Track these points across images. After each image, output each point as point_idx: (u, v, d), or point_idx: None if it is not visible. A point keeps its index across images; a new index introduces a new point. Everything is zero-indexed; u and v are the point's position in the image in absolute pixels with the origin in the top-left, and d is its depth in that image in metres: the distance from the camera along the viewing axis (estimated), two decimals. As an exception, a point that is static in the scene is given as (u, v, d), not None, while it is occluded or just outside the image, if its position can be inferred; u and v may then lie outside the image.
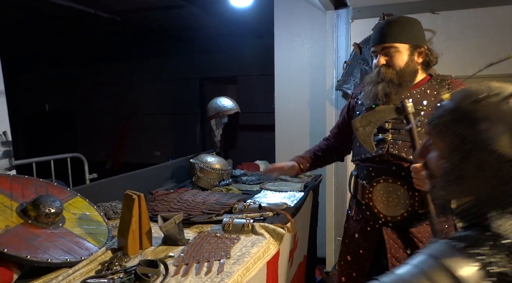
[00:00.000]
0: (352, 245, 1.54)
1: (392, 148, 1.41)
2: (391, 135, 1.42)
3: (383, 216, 1.43)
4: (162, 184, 2.29)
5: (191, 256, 1.27)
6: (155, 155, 7.39)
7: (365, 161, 1.49)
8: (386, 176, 1.42)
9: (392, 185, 1.41)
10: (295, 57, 3.23)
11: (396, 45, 1.39)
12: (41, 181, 1.47)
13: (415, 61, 1.41)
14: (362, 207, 1.51)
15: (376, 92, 1.42)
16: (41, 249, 1.14)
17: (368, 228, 1.48)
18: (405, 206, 1.39)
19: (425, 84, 1.44)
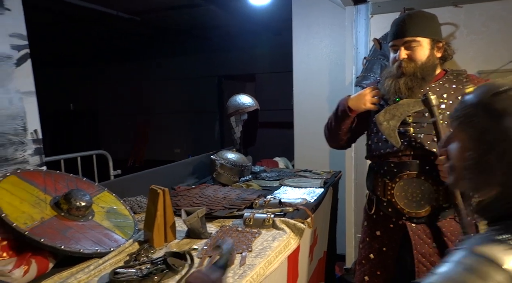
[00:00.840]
0: (375, 243, 1.53)
1: (414, 142, 1.40)
2: (413, 129, 1.41)
3: (407, 212, 1.42)
4: (184, 180, 2.34)
5: (213, 249, 1.31)
6: (175, 152, 7.52)
7: (386, 156, 1.48)
8: (409, 171, 1.41)
9: (416, 180, 1.39)
10: (313, 54, 3.23)
11: (418, 39, 1.38)
12: (71, 176, 1.54)
13: (435, 55, 1.41)
14: (384, 204, 1.50)
15: (398, 86, 1.41)
16: (73, 240, 1.21)
17: (391, 225, 1.48)
18: (429, 200, 1.38)
19: (442, 78, 1.44)
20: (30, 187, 1.31)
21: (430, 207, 1.38)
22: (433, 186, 1.37)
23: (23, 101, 2.20)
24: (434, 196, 1.37)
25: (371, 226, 1.57)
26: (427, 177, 1.37)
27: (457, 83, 1.41)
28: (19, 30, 2.16)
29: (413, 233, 1.42)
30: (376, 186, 1.52)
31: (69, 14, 4.75)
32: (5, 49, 2.09)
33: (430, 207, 1.38)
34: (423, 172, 1.38)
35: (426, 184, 1.38)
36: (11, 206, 1.17)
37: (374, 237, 1.55)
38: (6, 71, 2.09)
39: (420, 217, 1.40)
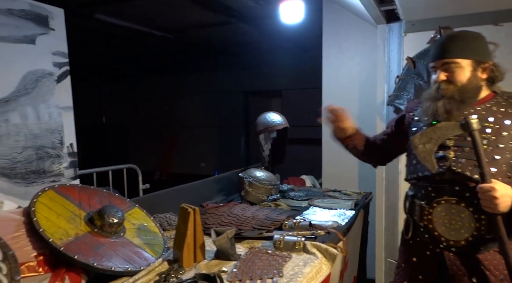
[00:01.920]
0: (410, 270, 1.45)
1: (455, 166, 1.32)
2: (453, 153, 1.34)
3: (444, 240, 1.34)
4: (212, 197, 2.34)
5: (243, 272, 1.28)
6: (201, 166, 7.60)
7: (423, 179, 1.41)
8: (448, 196, 1.33)
9: (456, 207, 1.31)
10: (343, 71, 3.19)
11: (457, 61, 1.33)
12: (104, 191, 1.56)
13: (479, 77, 1.34)
14: (420, 230, 1.42)
15: (436, 109, 1.36)
16: (105, 257, 1.21)
17: (428, 252, 1.40)
18: (469, 229, 1.29)
19: (490, 101, 1.36)
20: (66, 202, 1.34)
21: (471, 236, 1.29)
22: (474, 214, 1.28)
23: (61, 115, 2.30)
24: (475, 225, 1.28)
25: (407, 252, 1.50)
26: (468, 204, 1.29)
27: (507, 106, 1.33)
28: (61, 48, 2.28)
29: (451, 263, 1.33)
30: (413, 210, 1.45)
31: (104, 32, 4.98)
32: (48, 66, 2.20)
33: (471, 237, 1.29)
34: (463, 198, 1.30)
35: (467, 211, 1.29)
36: (48, 221, 1.19)
37: (409, 263, 1.47)
38: (48, 87, 2.19)
39: (460, 246, 1.32)
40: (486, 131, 1.30)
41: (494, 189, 1.17)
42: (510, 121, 1.30)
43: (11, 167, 2.02)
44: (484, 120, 1.32)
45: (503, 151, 1.28)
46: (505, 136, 1.29)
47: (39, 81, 2.18)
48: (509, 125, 1.30)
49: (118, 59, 6.91)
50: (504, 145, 1.28)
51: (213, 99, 7.65)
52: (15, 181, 2.05)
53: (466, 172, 1.30)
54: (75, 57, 2.33)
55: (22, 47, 2.07)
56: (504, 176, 1.27)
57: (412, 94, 2.52)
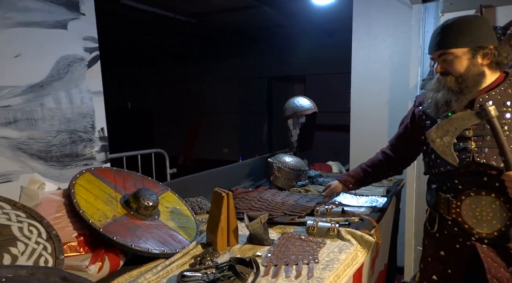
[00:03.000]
0: (438, 264, 1.40)
1: (478, 157, 1.26)
2: (475, 143, 1.28)
3: (476, 233, 1.28)
4: (240, 182, 2.34)
5: (278, 257, 1.27)
6: (224, 151, 7.64)
7: (448, 173, 1.34)
8: (477, 188, 1.27)
9: (486, 198, 1.25)
10: (374, 55, 3.08)
11: (452, 51, 1.25)
12: (138, 175, 1.58)
13: (479, 63, 1.26)
14: (448, 223, 1.36)
15: (437, 101, 1.31)
16: (142, 239, 1.22)
17: (457, 245, 1.34)
18: (502, 220, 1.23)
19: (503, 84, 1.27)
20: (102, 184, 1.36)
21: (504, 227, 1.23)
22: (507, 204, 1.22)
23: (92, 100, 2.33)
24: (507, 214, 1.22)
25: (434, 245, 1.44)
26: (499, 194, 1.22)
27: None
28: (91, 33, 2.29)
29: (485, 255, 1.27)
30: (439, 204, 1.39)
31: (130, 17, 4.99)
32: (80, 51, 2.22)
33: (504, 227, 1.23)
34: (492, 188, 1.24)
35: (498, 201, 1.23)
36: (87, 203, 1.21)
37: (437, 257, 1.42)
38: (80, 72, 2.22)
39: (493, 237, 1.26)
40: (505, 116, 1.23)
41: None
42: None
43: (47, 150, 2.08)
44: (502, 105, 1.24)
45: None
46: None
47: (71, 66, 2.20)
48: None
49: (142, 46, 6.95)
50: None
51: (236, 85, 7.61)
52: (50, 164, 2.11)
53: (492, 162, 1.24)
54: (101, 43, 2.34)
55: (54, 33, 2.09)
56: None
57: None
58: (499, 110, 1.22)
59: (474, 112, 1.22)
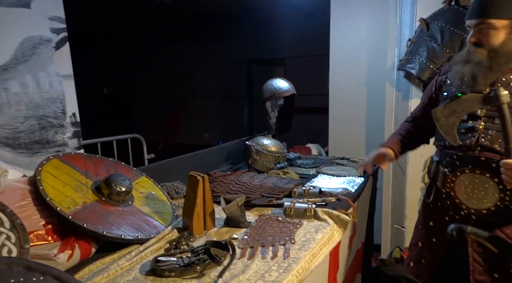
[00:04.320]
0: (425, 232, 1.46)
1: (483, 138, 1.25)
2: (484, 124, 1.26)
3: (465, 208, 1.31)
4: (218, 165, 2.31)
5: (255, 239, 1.26)
6: (205, 136, 7.57)
7: (450, 148, 1.35)
8: (473, 166, 1.28)
9: (480, 177, 1.26)
10: (352, 36, 3.06)
11: (491, 21, 1.19)
12: (110, 160, 1.53)
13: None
14: (442, 196, 1.40)
15: (463, 74, 1.27)
16: (115, 226, 1.19)
17: (447, 217, 1.38)
18: (493, 199, 1.25)
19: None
20: (72, 170, 1.31)
21: (494, 206, 1.25)
22: (499, 185, 1.22)
23: (62, 84, 2.23)
24: (500, 195, 1.23)
25: (426, 215, 1.49)
26: (494, 175, 1.23)
27: None
28: (58, 13, 2.16)
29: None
30: (436, 176, 1.42)
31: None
32: (46, 32, 2.10)
33: (494, 207, 1.25)
34: (489, 169, 1.24)
35: (491, 182, 1.24)
36: (54, 190, 1.17)
37: (426, 226, 1.48)
38: (47, 54, 2.11)
39: (481, 215, 1.28)
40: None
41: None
42: None
43: (14, 137, 1.98)
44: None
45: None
46: None
47: (37, 48, 2.09)
48: None
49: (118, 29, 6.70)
50: None
51: (216, 68, 7.49)
52: (19, 151, 2.01)
53: (495, 145, 1.23)
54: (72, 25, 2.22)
55: (16, 12, 1.96)
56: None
57: (425, 58, 2.42)
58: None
59: (484, 96, 1.18)
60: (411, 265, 1.49)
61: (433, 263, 1.41)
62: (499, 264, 1.26)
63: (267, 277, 1.02)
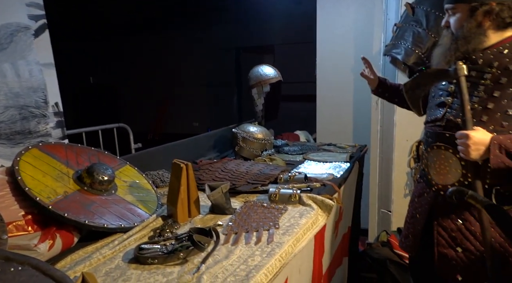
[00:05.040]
0: (412, 208, 1.51)
1: (448, 113, 1.31)
2: (452, 99, 1.32)
3: (435, 183, 1.37)
4: (205, 154, 2.30)
5: (239, 225, 1.27)
6: (194, 125, 7.52)
7: (426, 123, 1.44)
8: (439, 142, 1.34)
9: (445, 152, 1.32)
10: (339, 22, 3.04)
11: (454, 6, 1.27)
12: (93, 149, 1.51)
13: (478, 21, 1.24)
14: (422, 172, 1.47)
15: (437, 54, 1.36)
16: (97, 215, 1.18)
17: (425, 193, 1.43)
18: (456, 175, 1.30)
19: (505, 44, 1.25)
20: (52, 160, 1.29)
21: (457, 182, 1.30)
22: (461, 161, 1.27)
23: (43, 73, 2.17)
24: (462, 171, 1.28)
25: (414, 192, 1.55)
26: (455, 150, 1.27)
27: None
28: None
29: (438, 205, 1.36)
30: (420, 154, 1.49)
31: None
32: (23, 19, 2.04)
33: (457, 182, 1.30)
34: (452, 145, 1.28)
35: (454, 158, 1.29)
36: (34, 180, 1.15)
37: (413, 202, 1.53)
38: (25, 42, 2.05)
39: (447, 190, 1.32)
40: (484, 77, 1.24)
41: (468, 137, 1.16)
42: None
43: (-6, 128, 1.94)
44: (488, 65, 1.25)
45: (499, 99, 1.21)
46: (504, 83, 1.21)
47: (15, 35, 2.02)
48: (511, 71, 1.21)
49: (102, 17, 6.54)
50: (501, 92, 1.21)
51: (204, 56, 7.39)
52: (0, 142, 1.97)
53: (457, 119, 1.28)
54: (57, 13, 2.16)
55: (-9, -2, 1.89)
56: (497, 124, 1.21)
57: (410, 43, 2.41)
58: (482, 70, 1.24)
59: (444, 70, 1.25)
60: (402, 240, 1.56)
61: (417, 237, 1.46)
62: (462, 240, 1.30)
63: (250, 262, 1.03)
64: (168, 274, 0.98)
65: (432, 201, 1.39)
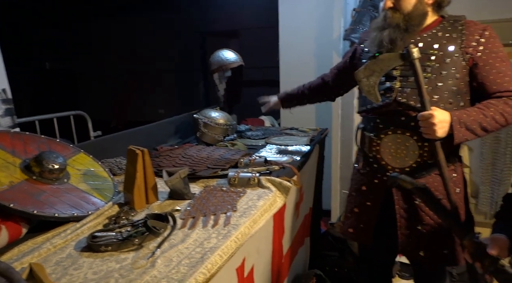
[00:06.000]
0: (360, 198, 1.53)
1: (400, 96, 1.35)
2: (399, 83, 1.36)
3: (391, 168, 1.41)
4: (167, 140, 2.27)
5: (197, 210, 1.27)
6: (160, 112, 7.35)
7: (371, 111, 1.45)
8: (395, 127, 1.37)
9: (401, 137, 1.36)
10: (300, 6, 3.05)
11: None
12: (43, 137, 1.44)
13: (424, 2, 1.31)
14: (370, 160, 1.48)
15: (381, 39, 1.35)
16: (47, 204, 1.14)
17: (376, 180, 1.46)
18: (414, 156, 1.36)
19: (436, 27, 1.34)
20: (-4, 149, 1.22)
21: (415, 163, 1.36)
22: (418, 142, 1.33)
23: (-14, 58, 2.03)
24: (419, 152, 1.34)
25: (358, 181, 1.57)
26: (413, 133, 1.33)
27: (452, 31, 1.32)
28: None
29: (395, 189, 1.41)
30: (363, 142, 1.51)
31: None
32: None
33: (415, 163, 1.36)
34: (408, 128, 1.34)
35: (411, 140, 1.35)
36: (-25, 170, 1.09)
37: (359, 191, 1.55)
38: (-39, 23, 1.90)
39: (405, 172, 1.37)
40: (430, 58, 1.31)
41: (432, 116, 1.20)
42: (453, 46, 1.30)
43: None
44: (429, 47, 1.31)
45: (446, 78, 1.30)
46: (448, 63, 1.29)
47: (-48, 17, 1.87)
48: (452, 51, 1.30)
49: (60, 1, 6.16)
50: (447, 72, 1.29)
51: (168, 41, 7.18)
52: None
53: (410, 101, 1.33)
54: None
55: None
56: (446, 102, 1.30)
57: (368, 27, 2.47)
58: (426, 53, 1.30)
59: (399, 54, 1.27)
60: (350, 231, 1.56)
61: (370, 225, 1.50)
62: (422, 216, 1.37)
63: (205, 245, 1.04)
64: (122, 260, 0.97)
65: (387, 186, 1.42)
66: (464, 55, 1.29)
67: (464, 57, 1.29)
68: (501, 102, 1.25)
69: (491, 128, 1.25)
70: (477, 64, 1.29)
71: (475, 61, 1.29)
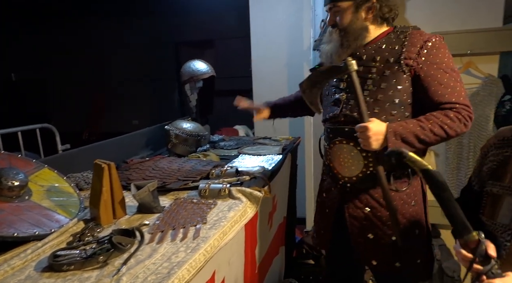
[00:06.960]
0: (320, 204, 1.58)
1: (345, 108, 1.39)
2: (345, 95, 1.39)
3: (341, 177, 1.43)
4: (138, 152, 2.23)
5: (166, 223, 1.25)
6: (133, 123, 7.22)
7: (325, 122, 1.49)
8: (340, 137, 1.40)
9: (346, 146, 1.39)
10: (271, 17, 3.10)
11: (338, 4, 1.33)
12: (3, 153, 1.39)
13: (363, 18, 1.34)
14: (327, 168, 1.52)
15: (327, 52, 1.42)
16: (5, 224, 1.09)
17: (332, 188, 1.50)
18: (359, 166, 1.38)
19: (382, 39, 1.36)
20: (-50, 167, 1.16)
21: (361, 173, 1.38)
22: (363, 153, 1.35)
23: None
24: (363, 162, 1.36)
25: (321, 188, 1.61)
26: (356, 143, 1.34)
27: (395, 43, 1.33)
28: None
29: (346, 197, 1.44)
30: (321, 150, 1.57)
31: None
32: None
33: (361, 173, 1.38)
34: (352, 138, 1.35)
35: (355, 150, 1.37)
36: None
37: (321, 198, 1.59)
38: None
39: (353, 182, 1.41)
40: (371, 71, 1.33)
41: (367, 128, 1.23)
42: (393, 58, 1.31)
43: None
44: (371, 59, 1.34)
45: (386, 90, 1.31)
46: (388, 75, 1.31)
47: None
48: (392, 63, 1.31)
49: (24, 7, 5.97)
50: (387, 83, 1.31)
51: (142, 50, 7.09)
52: None
53: (354, 113, 1.36)
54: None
55: None
56: (388, 114, 1.32)
57: (336, 39, 2.54)
58: (367, 65, 1.33)
59: (336, 67, 1.29)
60: (315, 236, 1.61)
61: (328, 232, 1.53)
62: (371, 226, 1.40)
63: (173, 259, 1.02)
64: (85, 279, 0.94)
65: (340, 194, 1.46)
66: (404, 67, 1.29)
67: (404, 68, 1.29)
68: (441, 114, 1.24)
69: (430, 140, 1.24)
70: (419, 76, 1.28)
71: (417, 72, 1.28)
